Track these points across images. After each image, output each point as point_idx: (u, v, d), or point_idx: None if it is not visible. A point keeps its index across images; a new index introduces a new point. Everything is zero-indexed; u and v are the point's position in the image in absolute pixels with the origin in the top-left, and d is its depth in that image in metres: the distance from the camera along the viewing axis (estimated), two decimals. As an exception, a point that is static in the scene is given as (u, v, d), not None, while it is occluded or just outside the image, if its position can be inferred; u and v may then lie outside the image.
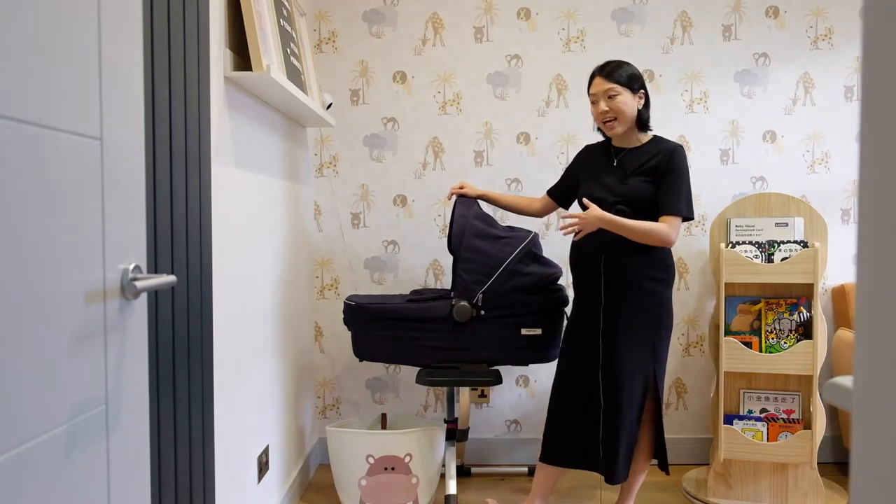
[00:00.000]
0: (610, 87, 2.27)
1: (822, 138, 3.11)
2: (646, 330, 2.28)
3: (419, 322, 2.53)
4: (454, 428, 2.79)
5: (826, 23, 3.09)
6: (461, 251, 2.49)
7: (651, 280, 2.27)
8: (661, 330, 2.31)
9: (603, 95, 2.29)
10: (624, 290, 2.27)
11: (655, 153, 2.29)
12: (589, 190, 2.36)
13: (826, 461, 3.10)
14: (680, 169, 2.26)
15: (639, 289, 2.26)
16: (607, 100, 2.28)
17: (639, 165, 2.29)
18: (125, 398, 1.02)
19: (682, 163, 2.27)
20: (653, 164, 2.27)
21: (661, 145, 2.32)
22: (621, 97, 2.27)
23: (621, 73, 2.29)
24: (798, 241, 2.67)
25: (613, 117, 2.29)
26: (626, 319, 2.27)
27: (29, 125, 0.81)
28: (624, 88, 2.27)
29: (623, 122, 2.29)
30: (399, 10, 3.11)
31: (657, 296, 2.28)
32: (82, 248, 0.91)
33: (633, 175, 2.29)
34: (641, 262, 2.26)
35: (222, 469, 1.91)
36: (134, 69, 1.06)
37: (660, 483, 2.94)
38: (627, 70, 2.30)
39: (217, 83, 1.87)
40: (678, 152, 2.28)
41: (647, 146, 2.34)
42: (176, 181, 1.56)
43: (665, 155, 2.27)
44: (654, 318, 2.28)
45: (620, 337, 2.27)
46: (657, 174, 2.27)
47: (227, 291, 1.96)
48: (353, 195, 3.16)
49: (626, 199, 2.27)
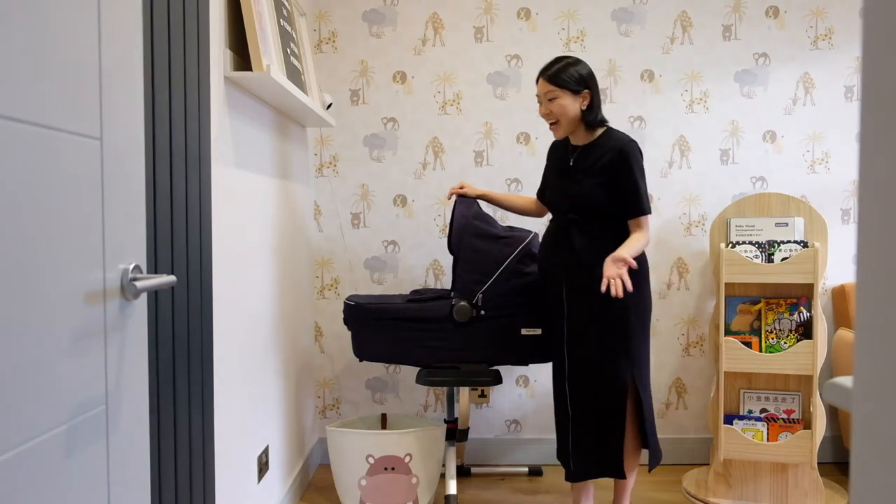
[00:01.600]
0: (549, 89, 2.24)
1: (822, 138, 3.11)
2: (612, 338, 2.24)
3: (419, 322, 2.53)
4: (454, 428, 2.79)
5: (826, 23, 3.09)
6: (461, 251, 2.49)
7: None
8: (631, 334, 2.24)
9: (544, 98, 2.26)
10: (585, 301, 2.25)
11: (605, 151, 2.23)
12: (548, 197, 2.37)
13: (826, 461, 3.10)
14: (634, 167, 2.19)
15: (599, 298, 2.21)
16: (547, 102, 2.25)
17: (590, 165, 2.25)
18: (125, 398, 1.02)
19: (635, 159, 2.20)
20: (603, 162, 2.22)
21: (610, 142, 2.24)
22: (560, 100, 2.23)
23: (561, 76, 2.22)
24: (798, 241, 2.67)
25: (555, 120, 2.27)
26: (591, 330, 2.25)
27: (29, 125, 0.81)
28: (563, 91, 2.22)
29: (564, 126, 2.26)
30: (399, 10, 3.11)
31: (618, 302, 2.21)
32: (82, 248, 0.91)
33: (586, 177, 2.24)
34: (598, 271, 2.21)
35: (222, 469, 1.91)
36: (134, 69, 1.06)
37: (660, 483, 2.94)
38: (569, 71, 2.23)
39: (217, 83, 1.87)
40: (627, 149, 2.20)
41: (598, 141, 2.27)
42: (176, 181, 1.56)
43: (615, 154, 2.21)
44: (619, 325, 2.23)
45: (586, 348, 2.26)
46: (608, 174, 2.21)
47: (227, 291, 1.96)
48: (353, 195, 3.16)
49: (576, 207, 2.25)
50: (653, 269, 3.15)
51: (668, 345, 3.17)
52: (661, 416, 3.19)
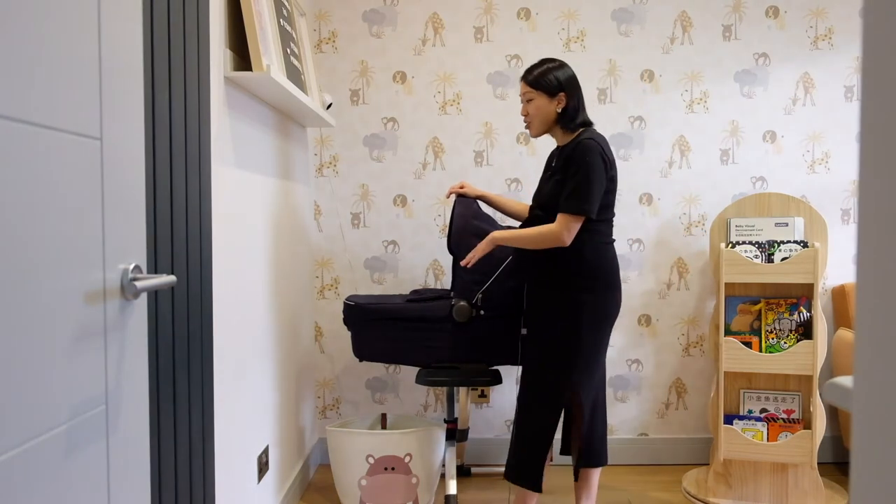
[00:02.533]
0: (526, 90, 2.29)
1: (822, 138, 3.11)
2: (556, 340, 2.22)
3: (419, 322, 2.53)
4: (454, 428, 2.79)
5: (826, 23, 3.09)
6: (461, 251, 2.49)
7: (567, 288, 2.21)
8: (579, 338, 2.20)
9: (523, 98, 2.31)
10: (535, 301, 2.28)
11: (569, 151, 2.23)
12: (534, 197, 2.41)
13: (826, 461, 3.10)
14: (579, 164, 2.15)
15: (545, 299, 2.24)
16: (525, 103, 2.30)
17: (557, 165, 2.26)
18: (125, 398, 1.02)
19: (582, 158, 2.15)
20: (562, 162, 2.24)
21: (574, 142, 2.24)
22: (535, 102, 2.26)
23: (538, 79, 2.25)
24: (798, 241, 2.67)
25: (529, 120, 2.31)
26: (536, 331, 2.28)
27: (29, 125, 0.81)
28: (539, 93, 2.25)
29: (537, 126, 2.29)
30: (399, 10, 3.11)
31: (575, 304, 2.19)
32: (82, 248, 0.91)
33: (552, 175, 2.27)
34: (550, 270, 2.22)
35: (222, 469, 1.91)
36: (134, 69, 1.06)
37: (660, 483, 2.94)
38: (548, 76, 2.24)
39: (217, 83, 1.87)
40: (580, 147, 2.17)
41: (568, 143, 2.28)
42: (176, 181, 1.56)
43: (571, 150, 2.21)
44: (569, 327, 2.20)
45: (529, 349, 2.30)
46: (563, 171, 2.21)
47: (227, 291, 1.96)
48: (353, 195, 3.16)
49: (541, 205, 2.28)
50: (653, 269, 3.15)
51: (668, 345, 3.17)
52: (661, 416, 3.19)
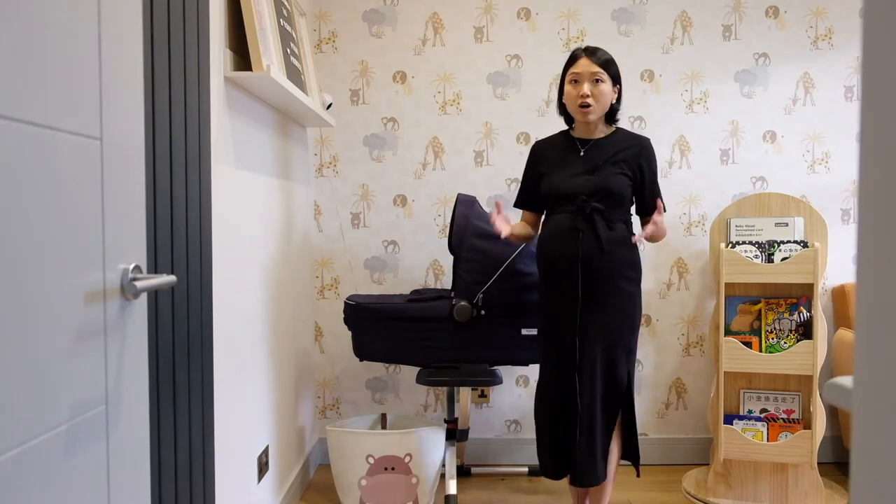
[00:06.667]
0: (597, 70, 2.22)
1: (822, 138, 3.11)
2: (622, 333, 2.23)
3: (419, 322, 2.53)
4: (454, 428, 2.79)
5: (826, 23, 3.09)
6: (462, 251, 2.49)
7: (625, 280, 2.23)
8: (635, 332, 2.29)
9: (589, 77, 2.21)
10: (601, 292, 2.21)
11: (626, 145, 2.26)
12: (556, 185, 2.26)
13: (826, 461, 3.09)
14: (655, 161, 2.33)
15: (614, 290, 2.21)
16: (593, 83, 2.21)
17: (610, 156, 2.24)
18: (125, 398, 1.02)
19: (655, 154, 2.33)
20: (624, 155, 2.24)
21: (630, 136, 2.32)
22: (605, 85, 2.22)
23: (608, 64, 2.25)
24: (798, 241, 2.67)
25: (592, 102, 2.21)
26: (603, 322, 2.20)
27: (29, 125, 0.81)
28: (608, 77, 2.24)
29: (597, 110, 2.23)
30: (399, 10, 3.11)
31: (630, 296, 2.25)
32: (82, 248, 0.91)
33: (605, 166, 2.23)
34: (616, 261, 2.21)
35: (222, 469, 1.91)
36: (134, 69, 1.06)
37: (660, 483, 2.94)
38: (613, 62, 2.28)
39: (217, 83, 1.87)
40: (650, 145, 2.32)
41: (614, 137, 2.30)
42: (176, 181, 1.56)
43: (639, 147, 2.27)
44: (629, 320, 2.25)
45: (599, 340, 2.20)
46: (630, 166, 2.24)
47: (227, 291, 1.96)
48: (353, 195, 3.16)
49: (601, 195, 2.20)
50: (653, 269, 3.15)
51: (668, 345, 3.17)
52: (661, 416, 3.19)
